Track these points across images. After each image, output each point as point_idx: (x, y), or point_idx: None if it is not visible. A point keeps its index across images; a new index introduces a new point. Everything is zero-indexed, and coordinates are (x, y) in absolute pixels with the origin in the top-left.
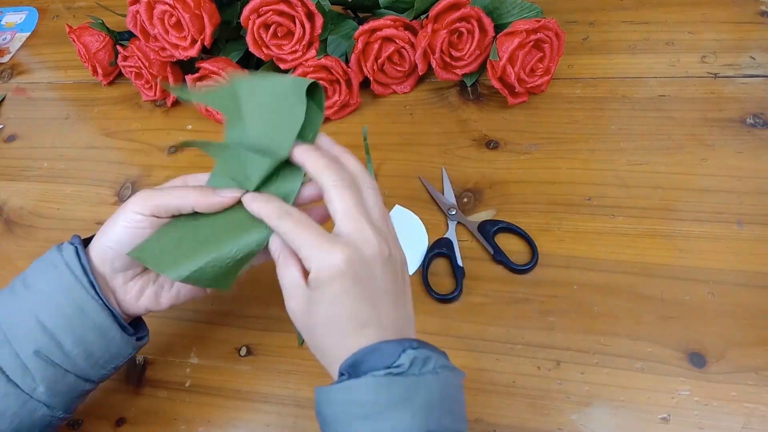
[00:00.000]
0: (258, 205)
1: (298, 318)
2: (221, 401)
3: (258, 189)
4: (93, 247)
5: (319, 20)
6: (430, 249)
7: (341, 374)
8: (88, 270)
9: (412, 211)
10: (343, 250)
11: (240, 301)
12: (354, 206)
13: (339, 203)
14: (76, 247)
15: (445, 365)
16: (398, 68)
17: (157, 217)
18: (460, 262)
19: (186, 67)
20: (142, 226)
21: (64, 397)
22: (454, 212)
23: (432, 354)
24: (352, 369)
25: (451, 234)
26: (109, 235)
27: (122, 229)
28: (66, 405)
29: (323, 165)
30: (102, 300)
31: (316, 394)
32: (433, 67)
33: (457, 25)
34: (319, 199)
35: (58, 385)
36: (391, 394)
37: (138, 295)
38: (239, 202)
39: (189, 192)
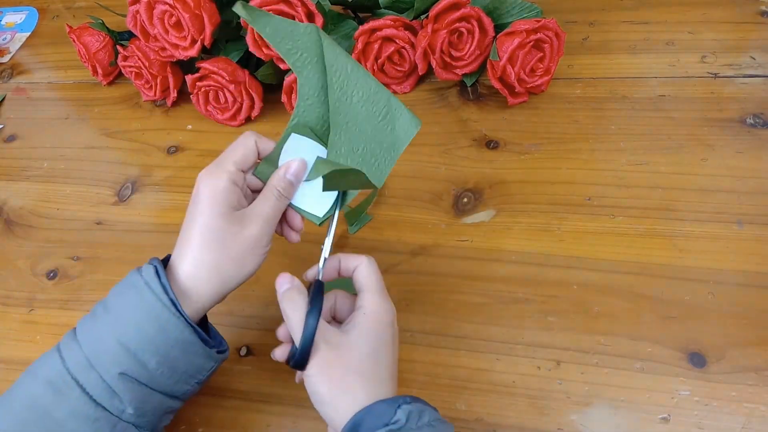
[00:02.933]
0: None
1: (330, 357)
2: (221, 401)
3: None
4: (182, 274)
5: (319, 20)
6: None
7: None
8: (168, 288)
9: (411, 211)
10: (393, 307)
11: (240, 301)
12: (381, 282)
13: (375, 275)
14: (155, 267)
15: (438, 419)
16: (398, 68)
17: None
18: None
19: (186, 67)
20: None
21: (151, 417)
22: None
23: (426, 408)
24: (353, 431)
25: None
26: (241, 276)
27: (252, 268)
28: (153, 424)
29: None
30: (183, 317)
31: None
32: (433, 67)
33: (457, 25)
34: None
35: (146, 404)
36: None
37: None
38: None
39: (283, 200)
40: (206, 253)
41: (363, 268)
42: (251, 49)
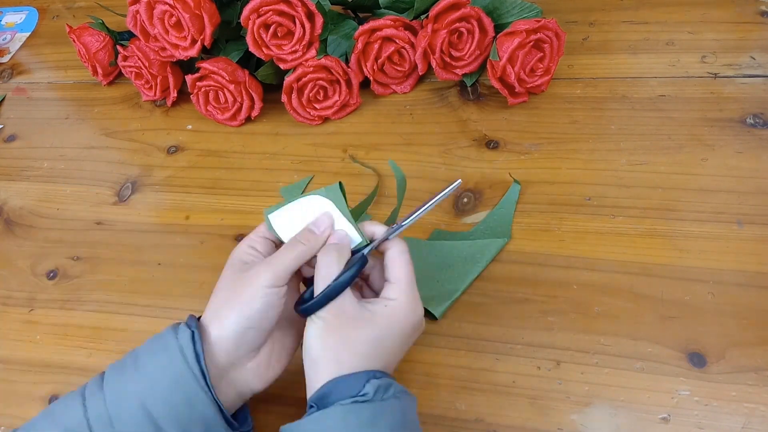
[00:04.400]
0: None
1: (335, 323)
2: None
3: None
4: (213, 333)
5: (319, 20)
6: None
7: (310, 406)
8: (201, 358)
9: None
10: (422, 309)
11: None
12: (412, 275)
13: (406, 267)
14: (192, 332)
15: (403, 390)
16: (398, 68)
17: (281, 285)
18: None
19: (186, 67)
20: (277, 298)
21: None
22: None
23: (392, 382)
24: (320, 401)
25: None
26: (238, 314)
27: (259, 303)
28: None
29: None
30: (211, 392)
31: (282, 430)
32: (433, 67)
33: (457, 25)
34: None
35: None
36: (359, 419)
37: (255, 372)
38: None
39: (300, 246)
40: (217, 299)
41: (395, 255)
42: (251, 49)
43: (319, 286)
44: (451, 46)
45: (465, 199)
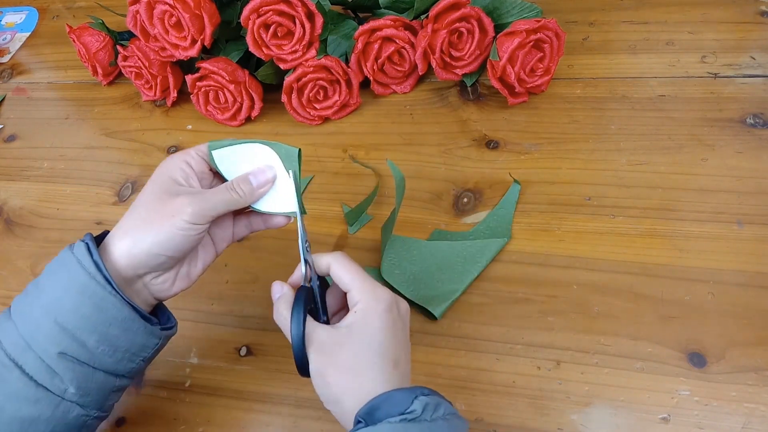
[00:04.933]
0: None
1: (321, 361)
2: (221, 401)
3: None
4: (122, 247)
5: (319, 20)
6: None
7: (358, 421)
8: (102, 266)
9: (411, 211)
10: (387, 292)
11: (240, 301)
12: (360, 273)
13: (350, 270)
14: (87, 244)
15: (453, 412)
16: (398, 68)
17: (203, 223)
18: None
19: (186, 67)
20: (195, 233)
21: (95, 396)
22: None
23: (442, 401)
24: (368, 416)
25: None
26: (153, 239)
27: (176, 236)
28: (99, 403)
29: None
30: (120, 294)
31: None
32: (433, 67)
33: (457, 25)
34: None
35: (88, 383)
36: None
37: (161, 287)
38: None
39: (233, 194)
40: (135, 215)
41: (336, 267)
42: (251, 49)
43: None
44: (451, 46)
45: (465, 199)
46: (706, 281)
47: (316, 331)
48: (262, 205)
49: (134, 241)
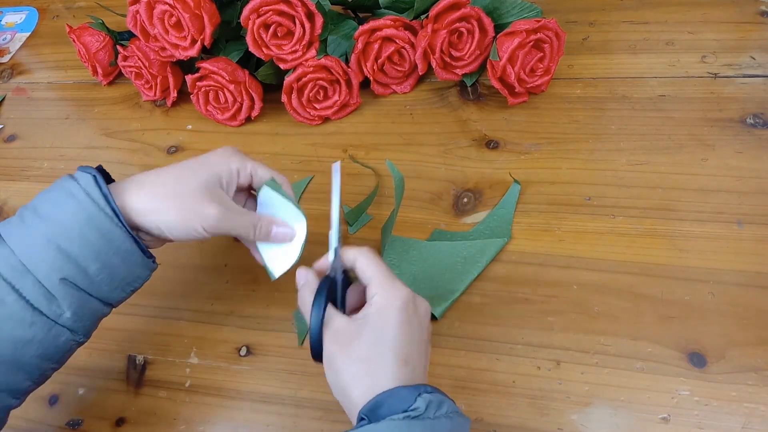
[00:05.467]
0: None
1: (334, 349)
2: (221, 401)
3: None
4: (137, 202)
5: (319, 20)
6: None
7: (361, 418)
8: (111, 199)
9: (411, 211)
10: (405, 289)
11: (240, 301)
12: (383, 269)
13: (375, 265)
14: (94, 176)
15: (456, 411)
16: (398, 68)
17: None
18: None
19: (186, 67)
20: (201, 234)
21: (85, 322)
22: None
23: (445, 399)
24: (371, 413)
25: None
26: (168, 220)
27: (189, 231)
28: (86, 329)
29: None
30: (125, 227)
31: None
32: (433, 67)
33: (457, 25)
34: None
35: (83, 309)
36: None
37: (148, 242)
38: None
39: (250, 231)
40: (163, 182)
41: (362, 261)
42: (251, 49)
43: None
44: (451, 46)
45: (465, 199)
46: (706, 281)
47: (334, 318)
48: (261, 248)
49: (153, 209)
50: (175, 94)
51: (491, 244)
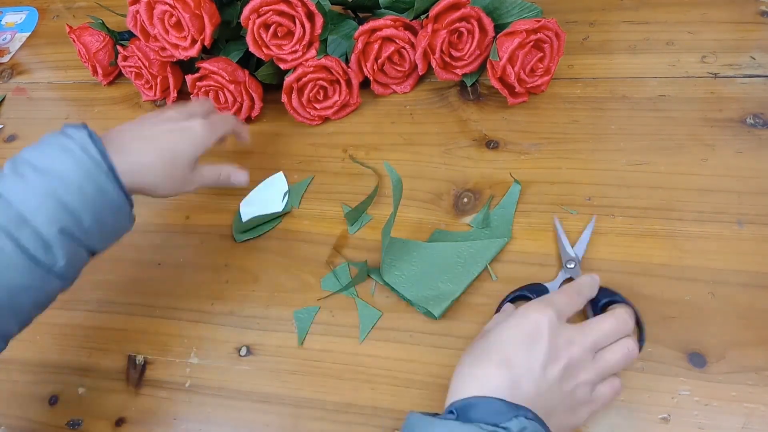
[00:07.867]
0: None
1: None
2: (221, 401)
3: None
4: (125, 160)
5: (319, 20)
6: (517, 290)
7: (450, 411)
8: (107, 156)
9: (411, 211)
10: (542, 311)
11: (240, 301)
12: (552, 295)
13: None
14: (88, 133)
15: None
16: (398, 68)
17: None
18: None
19: (186, 67)
20: (181, 193)
21: (74, 271)
22: (572, 266)
23: (541, 430)
24: (462, 411)
25: (554, 285)
26: (152, 179)
27: (170, 189)
28: (73, 278)
29: None
30: (120, 184)
31: (412, 417)
32: (433, 67)
33: (457, 25)
34: None
35: (75, 258)
36: None
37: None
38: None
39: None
40: (146, 148)
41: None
42: (251, 49)
43: None
44: (451, 46)
45: (465, 199)
46: (706, 281)
47: (499, 312)
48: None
49: (150, 185)
50: (175, 94)
51: (491, 244)
